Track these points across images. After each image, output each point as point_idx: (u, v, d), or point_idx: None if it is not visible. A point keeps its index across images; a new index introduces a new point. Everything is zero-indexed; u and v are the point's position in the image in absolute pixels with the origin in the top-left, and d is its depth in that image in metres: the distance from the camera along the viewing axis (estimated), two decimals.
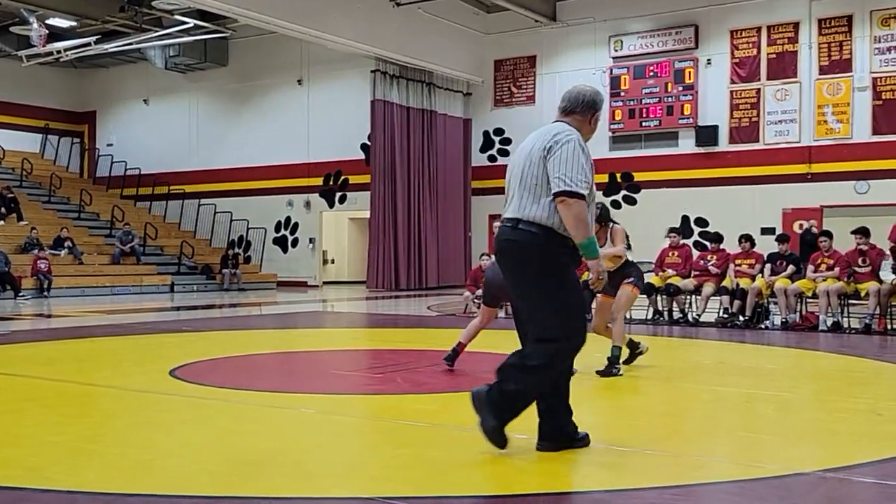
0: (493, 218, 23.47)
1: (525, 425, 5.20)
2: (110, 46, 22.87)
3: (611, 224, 7.27)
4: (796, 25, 19.89)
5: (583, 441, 4.37)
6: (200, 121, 27.24)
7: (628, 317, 9.27)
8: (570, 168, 4.00)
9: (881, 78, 19.00)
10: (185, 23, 21.85)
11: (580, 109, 4.32)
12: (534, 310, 4.19)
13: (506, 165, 18.33)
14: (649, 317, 12.39)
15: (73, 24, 22.49)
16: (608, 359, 6.97)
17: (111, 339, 10.04)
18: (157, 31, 22.61)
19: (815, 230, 14.79)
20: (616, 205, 21.90)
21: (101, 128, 29.42)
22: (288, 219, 25.68)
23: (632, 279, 7.30)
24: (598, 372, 6.92)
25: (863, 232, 11.14)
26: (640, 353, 7.39)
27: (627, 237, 7.42)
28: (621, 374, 6.91)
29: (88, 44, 22.33)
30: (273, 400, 5.91)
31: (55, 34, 22.36)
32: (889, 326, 10.76)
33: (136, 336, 10.36)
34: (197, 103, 27.24)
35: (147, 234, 23.64)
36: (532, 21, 22.37)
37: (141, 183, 27.15)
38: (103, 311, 14.76)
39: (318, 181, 25.08)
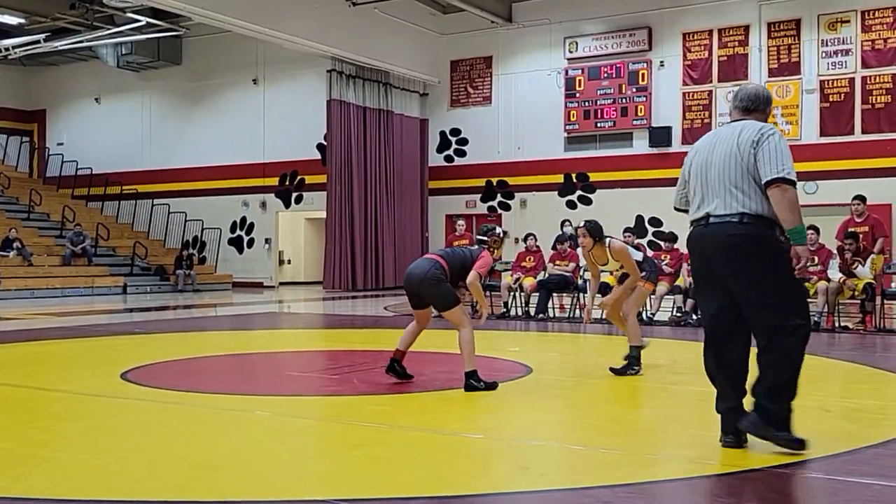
0: (449, 218, 23.54)
1: (481, 425, 5.22)
2: (61, 44, 22.49)
3: (606, 240, 7.17)
4: (746, 29, 20.23)
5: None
6: (154, 120, 26.88)
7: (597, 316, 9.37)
8: (782, 157, 4.19)
9: (828, 81, 19.39)
10: (137, 21, 21.53)
11: (761, 107, 4.49)
12: (769, 298, 4.21)
13: (463, 166, 18.29)
14: (604, 316, 12.48)
15: (22, 20, 22.04)
16: (625, 357, 7.02)
17: (61, 342, 9.87)
18: (108, 29, 22.26)
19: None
20: (572, 205, 22.08)
21: (51, 127, 28.88)
22: (243, 219, 25.46)
23: (643, 273, 7.33)
24: (612, 369, 6.98)
25: (813, 230, 11.35)
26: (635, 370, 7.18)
27: (635, 247, 7.29)
28: (641, 374, 6.90)
29: (38, 41, 21.94)
30: (227, 402, 5.86)
31: (3, 31, 21.93)
32: (837, 324, 10.98)
33: (87, 339, 10.19)
34: (150, 102, 26.88)
35: (99, 235, 23.26)
36: (488, 22, 22.45)
37: (92, 183, 26.70)
38: (53, 313, 14.49)
39: (274, 181, 24.90)
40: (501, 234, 6.97)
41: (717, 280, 4.37)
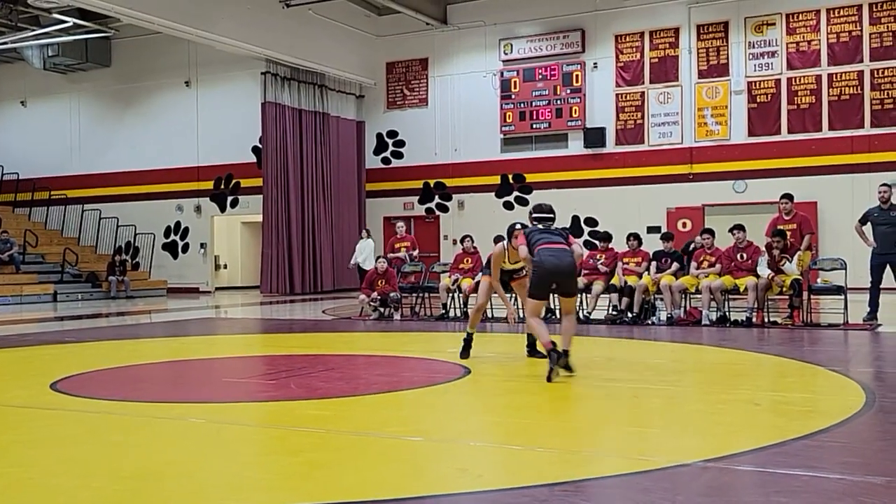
0: (387, 220, 23.51)
1: (419, 427, 5.23)
2: None
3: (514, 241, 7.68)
4: (677, 31, 20.63)
5: None
6: (83, 123, 26.27)
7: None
8: None
9: (755, 82, 19.89)
10: (64, 21, 21.03)
11: None
12: None
13: (400, 168, 18.55)
14: (541, 315, 12.61)
15: None
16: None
17: None
18: (34, 30, 21.70)
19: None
20: (508, 206, 22.24)
21: None
22: (178, 224, 25.04)
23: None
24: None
25: (739, 228, 11.62)
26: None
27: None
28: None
29: None
30: (162, 411, 5.76)
31: None
32: (766, 319, 11.26)
33: (15, 349, 9.91)
34: (78, 105, 26.27)
35: (27, 242, 22.64)
36: (423, 24, 22.49)
37: (19, 188, 25.97)
38: None
39: (209, 185, 24.54)
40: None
41: None
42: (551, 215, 7.36)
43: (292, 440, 4.83)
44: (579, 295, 12.47)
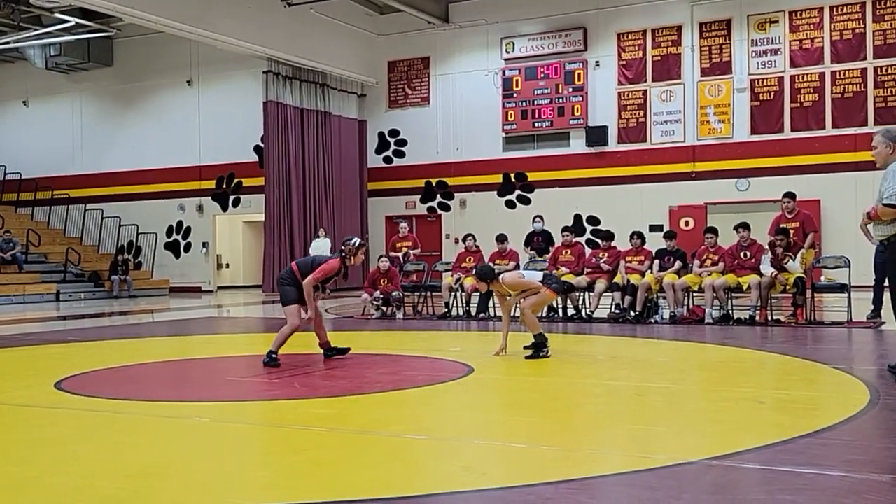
0: (389, 219, 23.51)
1: (423, 425, 5.22)
2: None
3: (499, 277, 8.14)
4: (679, 29, 20.60)
5: None
6: (85, 123, 26.28)
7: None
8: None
9: (758, 80, 19.87)
10: (66, 21, 21.04)
11: None
12: None
13: (402, 167, 18.51)
14: (544, 314, 12.64)
15: None
16: (534, 345, 7.87)
17: None
18: (36, 30, 21.70)
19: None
20: (511, 204, 22.23)
21: None
22: (180, 223, 25.05)
23: (549, 285, 8.13)
24: (526, 357, 7.74)
25: (744, 226, 11.61)
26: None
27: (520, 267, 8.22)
28: (550, 355, 7.86)
29: None
30: (165, 410, 5.76)
31: None
32: (770, 318, 11.25)
33: (19, 348, 9.92)
34: (80, 105, 26.28)
35: (29, 242, 22.66)
36: (425, 22, 22.48)
37: (22, 188, 26.00)
38: None
39: (211, 184, 24.55)
40: (356, 243, 8.07)
41: None
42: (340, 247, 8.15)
43: (296, 439, 4.83)
44: (581, 293, 12.52)
